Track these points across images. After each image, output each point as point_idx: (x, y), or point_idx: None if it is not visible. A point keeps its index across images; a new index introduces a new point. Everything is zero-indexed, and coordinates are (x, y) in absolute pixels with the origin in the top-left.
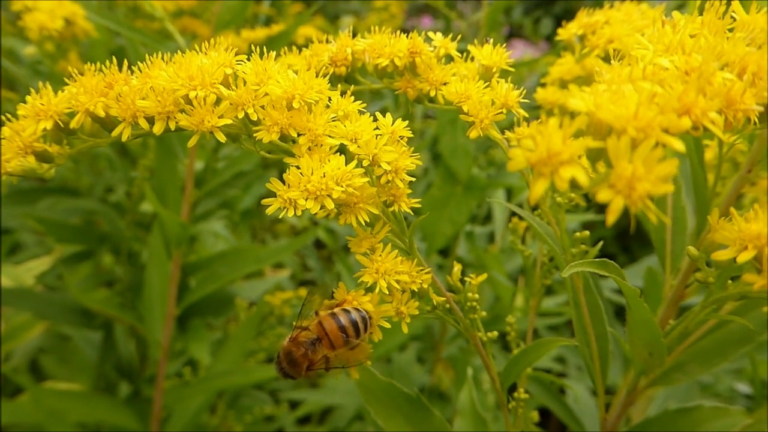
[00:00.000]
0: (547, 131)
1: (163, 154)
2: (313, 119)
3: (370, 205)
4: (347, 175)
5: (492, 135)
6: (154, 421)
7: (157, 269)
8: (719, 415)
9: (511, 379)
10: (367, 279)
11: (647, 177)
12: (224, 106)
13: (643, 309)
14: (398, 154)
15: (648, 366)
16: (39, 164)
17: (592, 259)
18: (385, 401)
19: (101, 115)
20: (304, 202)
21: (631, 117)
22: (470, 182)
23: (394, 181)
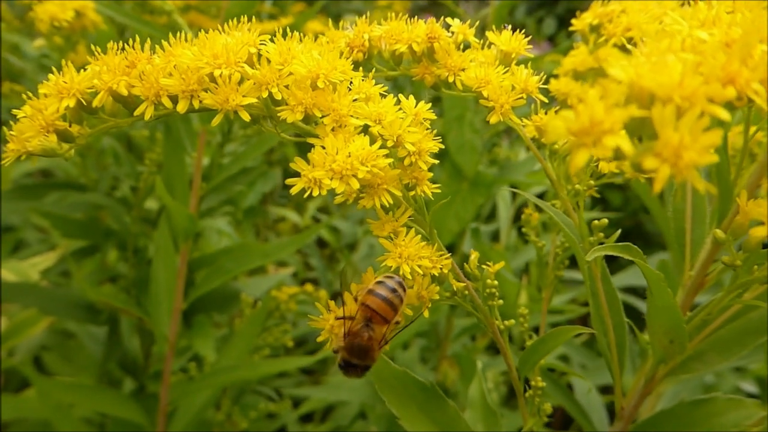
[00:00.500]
0: (589, 100)
1: (171, 148)
2: (337, 99)
3: (393, 186)
4: (372, 155)
5: (512, 120)
6: (161, 416)
7: (163, 263)
8: (734, 407)
9: (528, 367)
10: (391, 263)
11: (693, 146)
12: (248, 86)
13: (666, 294)
14: (422, 135)
15: (668, 354)
16: (59, 144)
17: (614, 244)
18: (399, 389)
19: (124, 94)
20: (329, 182)
21: (675, 85)
22: (477, 179)
23: (417, 163)
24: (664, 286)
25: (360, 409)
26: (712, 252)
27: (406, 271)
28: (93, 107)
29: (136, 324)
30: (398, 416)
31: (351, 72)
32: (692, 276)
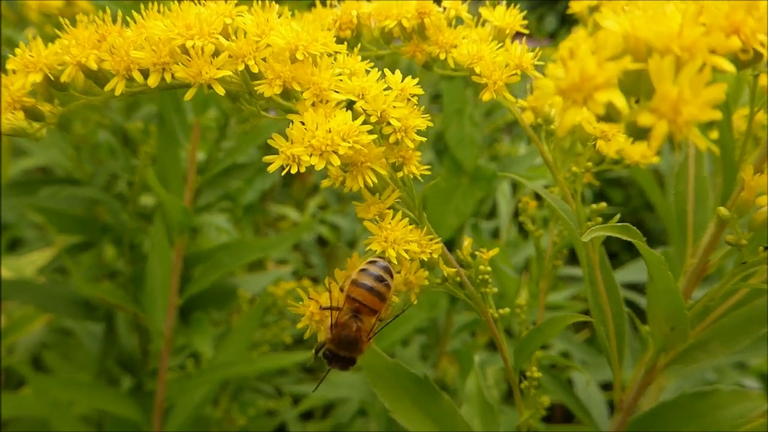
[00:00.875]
0: (580, 55)
1: (165, 141)
2: (317, 73)
3: (378, 165)
4: (354, 131)
5: (505, 98)
6: (157, 413)
7: (159, 258)
8: (738, 399)
9: (524, 357)
10: (376, 247)
11: (694, 101)
12: (223, 58)
13: (666, 278)
14: (408, 111)
15: (669, 342)
16: (29, 123)
17: (611, 224)
18: (392, 383)
19: (93, 68)
20: (308, 159)
21: (674, 35)
22: (476, 173)
23: (404, 141)
24: (665, 269)
25: (360, 406)
26: (716, 236)
27: (392, 256)
28: (62, 83)
29: (133, 321)
30: (391, 410)
31: (334, 45)
32: (694, 262)
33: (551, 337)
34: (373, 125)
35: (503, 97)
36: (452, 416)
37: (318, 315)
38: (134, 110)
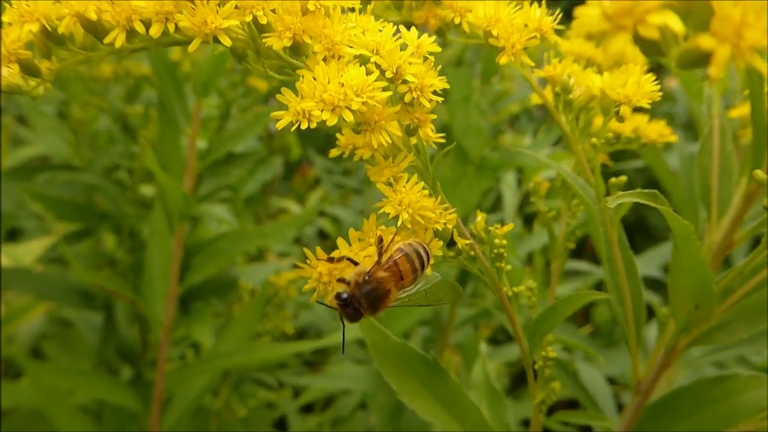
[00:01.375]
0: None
1: (166, 126)
2: (330, 25)
3: (392, 126)
4: (368, 86)
5: (523, 62)
6: (156, 403)
7: (158, 245)
8: (757, 385)
9: (537, 337)
10: (389, 210)
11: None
12: (229, 8)
13: (694, 249)
14: (425, 69)
15: (693, 321)
16: (25, 79)
17: (638, 191)
18: (399, 364)
19: (93, 19)
20: (320, 114)
21: None
22: (482, 162)
23: (419, 101)
24: (694, 240)
25: (361, 399)
26: (742, 210)
27: (406, 219)
28: (60, 36)
29: (133, 311)
30: (398, 391)
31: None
32: (717, 239)
33: (566, 315)
34: (388, 81)
35: (521, 62)
36: (461, 399)
37: (327, 276)
38: (135, 96)
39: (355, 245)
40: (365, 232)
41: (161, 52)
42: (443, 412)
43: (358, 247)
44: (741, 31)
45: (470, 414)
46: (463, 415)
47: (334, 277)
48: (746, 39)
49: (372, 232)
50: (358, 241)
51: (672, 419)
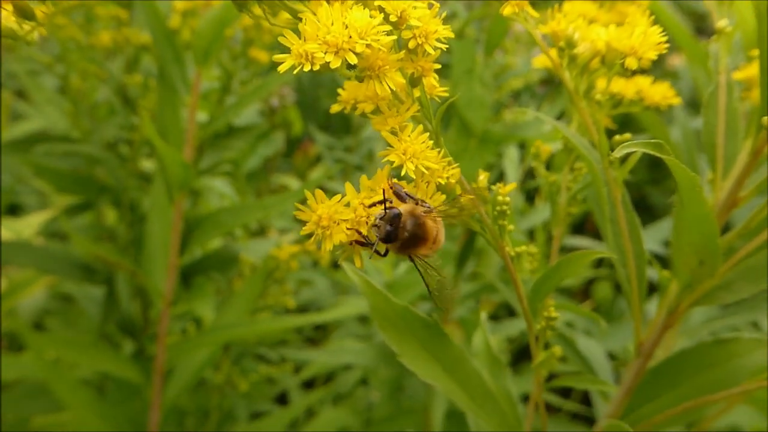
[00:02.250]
0: None
1: (165, 96)
2: None
3: (396, 74)
4: (373, 29)
5: (528, 14)
6: (157, 377)
7: (158, 217)
8: (758, 347)
9: (540, 297)
10: (393, 159)
11: None
12: None
13: (699, 203)
14: (430, 14)
15: (696, 278)
16: (19, 24)
17: (644, 141)
18: (401, 327)
19: None
20: (323, 56)
21: None
22: (485, 135)
23: (423, 47)
24: (699, 192)
25: (362, 374)
26: (748, 166)
27: (410, 169)
28: None
29: (134, 284)
30: (398, 353)
31: None
32: (722, 197)
33: (569, 275)
34: (391, 26)
35: (525, 16)
36: (463, 363)
37: (327, 220)
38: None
39: (364, 192)
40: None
41: (160, 19)
42: (444, 375)
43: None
44: None
45: (471, 377)
46: (465, 378)
47: (334, 220)
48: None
49: (384, 182)
50: (368, 190)
51: (673, 382)
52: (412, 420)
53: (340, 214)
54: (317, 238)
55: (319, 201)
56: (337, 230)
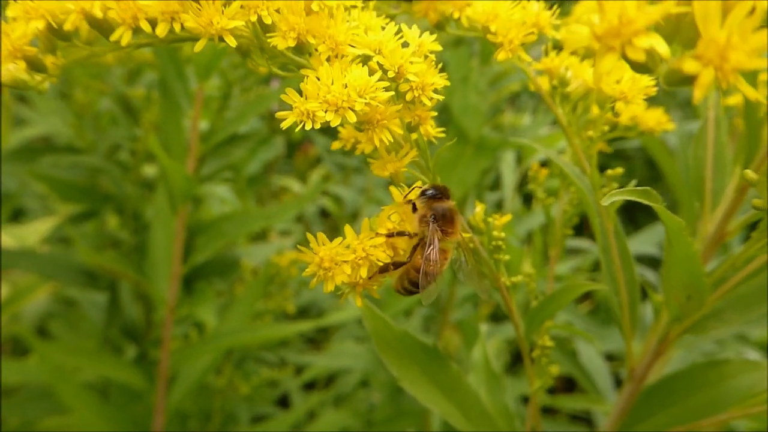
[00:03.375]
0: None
1: (168, 108)
2: (334, 26)
3: (394, 124)
4: (371, 87)
5: (521, 58)
6: (161, 381)
7: (161, 226)
8: (748, 369)
9: (535, 326)
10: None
11: (742, 47)
12: (235, 8)
13: (686, 243)
14: (426, 67)
15: (684, 311)
16: (30, 75)
17: (631, 188)
18: (401, 351)
19: (98, 17)
20: (324, 114)
21: None
22: (481, 142)
23: (420, 99)
24: (685, 235)
25: (363, 376)
26: (735, 201)
27: None
28: (66, 33)
29: (137, 290)
30: (398, 378)
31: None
32: (711, 229)
33: (563, 305)
34: (389, 81)
35: (518, 57)
36: (460, 385)
37: (328, 262)
38: (136, 78)
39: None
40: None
41: None
42: (442, 398)
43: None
44: (725, 53)
45: (469, 398)
46: (462, 400)
47: (336, 262)
48: (730, 61)
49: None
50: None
51: (665, 403)
52: (411, 421)
53: (341, 255)
54: (319, 279)
55: (320, 243)
56: (339, 271)
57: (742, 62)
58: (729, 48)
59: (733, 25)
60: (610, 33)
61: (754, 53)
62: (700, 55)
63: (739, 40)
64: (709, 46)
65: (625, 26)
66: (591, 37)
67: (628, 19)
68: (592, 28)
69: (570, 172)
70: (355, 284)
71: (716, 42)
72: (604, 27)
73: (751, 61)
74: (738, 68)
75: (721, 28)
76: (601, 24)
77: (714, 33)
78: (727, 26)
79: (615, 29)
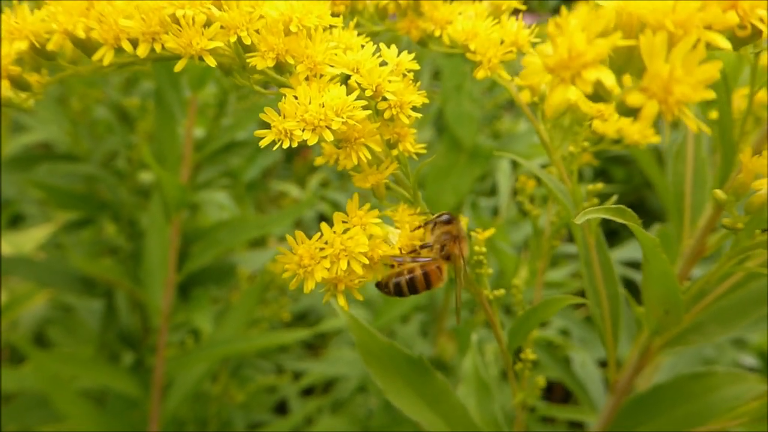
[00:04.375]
0: (569, 30)
1: (162, 118)
2: (312, 46)
3: (372, 141)
4: (348, 106)
5: (500, 76)
6: (156, 389)
7: (156, 235)
8: (734, 381)
9: (518, 339)
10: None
11: (686, 79)
12: (215, 29)
13: (661, 261)
14: (404, 85)
15: (663, 325)
16: (15, 93)
17: (608, 206)
18: (386, 363)
19: (81, 37)
20: (301, 133)
21: (668, 10)
22: (475, 150)
23: (399, 117)
24: (659, 252)
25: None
26: (713, 217)
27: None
28: (50, 52)
29: (133, 297)
30: (384, 390)
31: (329, 17)
32: (691, 243)
33: (546, 317)
34: (367, 100)
35: (498, 75)
36: (447, 397)
37: (308, 259)
38: (132, 86)
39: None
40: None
41: None
42: (429, 411)
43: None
44: (670, 86)
45: (456, 412)
46: (449, 413)
47: (315, 259)
48: (675, 94)
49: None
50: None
51: (652, 414)
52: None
53: (320, 252)
54: (299, 279)
55: (299, 242)
56: (319, 268)
57: (687, 94)
58: (673, 81)
59: (677, 58)
60: (560, 65)
61: (699, 85)
62: (645, 87)
63: (684, 73)
64: (653, 80)
65: (575, 59)
66: (544, 69)
67: (577, 52)
68: (544, 60)
69: (553, 187)
70: (336, 281)
71: (660, 75)
72: (555, 59)
73: (697, 93)
74: (682, 101)
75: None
76: (552, 56)
77: (658, 67)
78: (672, 59)
79: (565, 61)
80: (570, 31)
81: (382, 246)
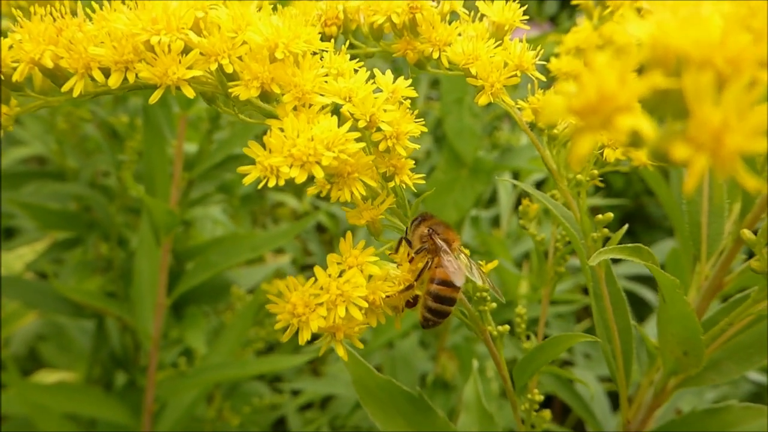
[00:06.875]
0: (598, 67)
1: (151, 136)
2: (299, 73)
3: (367, 176)
4: (340, 138)
5: (504, 101)
6: (146, 415)
7: (146, 257)
8: (751, 416)
9: (525, 377)
10: None
11: (739, 127)
12: (193, 56)
13: (681, 302)
14: (400, 114)
15: (681, 366)
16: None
17: (622, 246)
18: (384, 400)
19: (49, 66)
20: (288, 170)
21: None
22: (476, 165)
23: (395, 148)
24: (680, 295)
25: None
26: (733, 252)
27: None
28: (16, 83)
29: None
30: (381, 429)
31: (318, 42)
32: (709, 277)
33: (554, 356)
34: (361, 131)
35: (501, 101)
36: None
37: (301, 308)
38: (121, 103)
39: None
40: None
41: None
42: None
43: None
44: (721, 136)
45: None
46: None
47: (310, 306)
48: (727, 145)
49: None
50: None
51: None
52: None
53: (316, 298)
54: (293, 329)
55: (292, 288)
56: (314, 316)
57: (742, 145)
58: (725, 129)
59: (731, 101)
60: (588, 109)
61: (754, 133)
62: (692, 137)
63: (737, 120)
64: (702, 128)
65: (606, 102)
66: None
67: (608, 94)
68: (568, 101)
69: (560, 215)
70: (334, 330)
71: (710, 123)
72: (582, 102)
73: (752, 143)
74: (736, 153)
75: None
76: (579, 98)
77: (707, 113)
78: (723, 103)
79: (593, 105)
80: (599, 68)
81: (384, 287)
